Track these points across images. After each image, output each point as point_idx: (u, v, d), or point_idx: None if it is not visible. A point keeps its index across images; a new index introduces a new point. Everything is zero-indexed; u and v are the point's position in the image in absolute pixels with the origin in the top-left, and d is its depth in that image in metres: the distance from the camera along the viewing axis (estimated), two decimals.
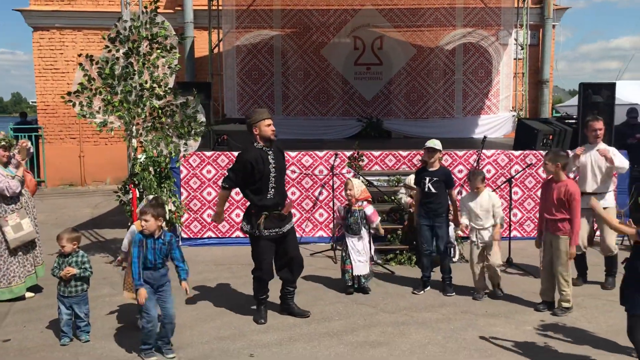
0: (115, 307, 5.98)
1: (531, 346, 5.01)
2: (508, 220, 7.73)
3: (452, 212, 6.51)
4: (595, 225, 6.87)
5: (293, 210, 5.82)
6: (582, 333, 5.30)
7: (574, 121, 9.84)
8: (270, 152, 5.52)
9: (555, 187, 5.75)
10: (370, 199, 6.64)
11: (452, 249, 7.46)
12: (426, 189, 6.37)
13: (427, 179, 6.36)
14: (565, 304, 5.77)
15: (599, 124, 6.72)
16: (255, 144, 5.55)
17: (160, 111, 7.45)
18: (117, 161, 14.02)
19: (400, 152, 8.98)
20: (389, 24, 14.22)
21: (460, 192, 8.60)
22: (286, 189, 6.15)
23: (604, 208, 6.57)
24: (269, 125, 5.51)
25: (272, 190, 5.47)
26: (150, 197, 6.10)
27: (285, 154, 5.89)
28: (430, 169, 6.41)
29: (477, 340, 5.16)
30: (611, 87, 9.15)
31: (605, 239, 6.62)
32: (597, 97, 8.99)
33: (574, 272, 6.75)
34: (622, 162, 6.65)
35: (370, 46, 14.38)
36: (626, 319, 4.37)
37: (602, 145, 6.73)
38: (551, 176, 5.87)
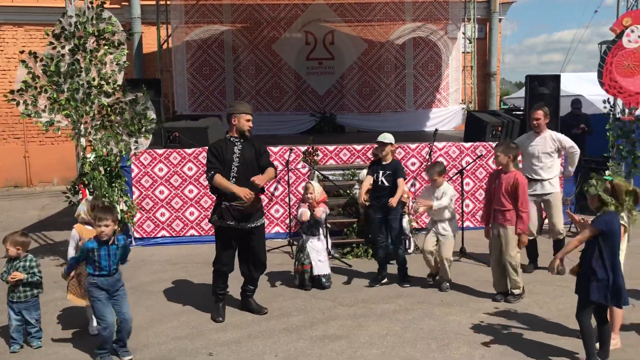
0: (67, 311, 5.81)
1: (486, 333, 5.13)
2: (460, 210, 7.89)
3: (403, 200, 6.58)
4: (544, 213, 7.08)
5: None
6: (534, 318, 5.46)
7: (521, 113, 10.11)
8: (239, 144, 5.50)
9: (503, 179, 5.88)
10: (327, 201, 6.67)
11: (407, 241, 7.58)
12: (379, 182, 6.40)
13: (381, 172, 6.39)
14: (516, 291, 5.92)
15: (538, 114, 6.87)
16: (226, 134, 5.58)
17: (109, 109, 7.28)
18: (64, 161, 13.63)
19: (355, 146, 9.03)
20: (339, 19, 14.27)
21: (413, 185, 8.73)
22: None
23: (551, 193, 6.79)
24: (249, 120, 5.53)
25: (233, 180, 5.42)
26: (90, 198, 5.93)
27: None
28: (384, 163, 6.44)
29: (433, 329, 5.25)
30: (556, 79, 9.44)
31: (554, 222, 6.83)
32: (543, 88, 9.27)
33: (526, 259, 6.95)
34: (571, 145, 6.85)
35: (321, 41, 14.41)
36: (577, 302, 4.49)
37: (548, 133, 6.90)
38: (499, 167, 6.00)
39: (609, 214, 4.37)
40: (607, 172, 4.83)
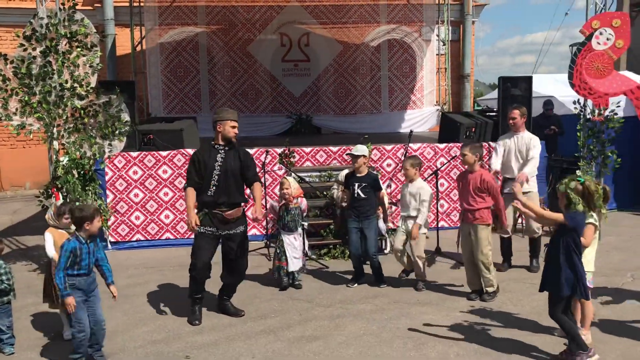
0: (40, 317, 5.73)
1: (461, 331, 5.19)
2: (435, 210, 7.97)
3: (381, 213, 6.69)
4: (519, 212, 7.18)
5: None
6: (508, 316, 5.55)
7: (494, 114, 10.25)
8: (223, 151, 5.50)
9: (471, 178, 5.97)
10: (303, 194, 6.74)
11: (383, 241, 7.64)
12: (355, 195, 6.48)
13: (356, 184, 6.48)
14: (489, 289, 6.00)
15: (514, 113, 7.00)
16: (211, 142, 5.58)
17: (82, 111, 7.19)
18: (36, 165, 13.38)
19: (331, 148, 9.07)
20: (314, 21, 14.31)
21: (389, 186, 8.79)
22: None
23: (528, 192, 6.88)
24: (234, 127, 5.55)
25: (214, 188, 5.42)
26: (59, 203, 5.87)
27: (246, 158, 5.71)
28: (358, 175, 6.52)
29: (410, 328, 5.30)
30: (528, 80, 9.60)
31: (529, 222, 6.93)
32: (515, 90, 9.42)
33: (499, 258, 7.05)
34: (531, 169, 6.89)
35: (297, 43, 14.43)
36: (549, 301, 4.58)
37: (526, 134, 7.02)
38: (466, 168, 6.09)
39: (577, 212, 4.44)
40: (577, 172, 4.91)
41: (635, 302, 5.85)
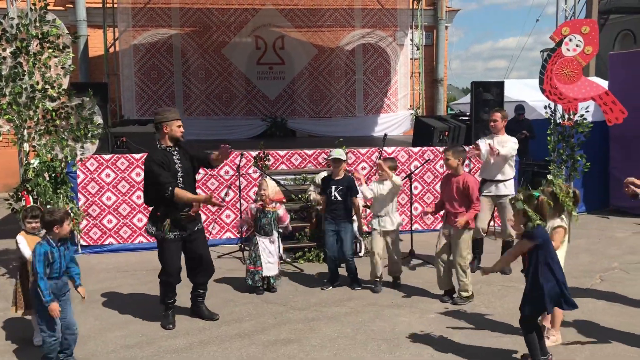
0: (9, 322, 5.63)
1: (435, 333, 5.25)
2: (409, 214, 8.04)
3: (356, 219, 6.73)
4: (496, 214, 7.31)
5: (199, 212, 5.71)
6: (481, 318, 5.62)
7: (467, 118, 10.37)
8: (176, 152, 5.45)
9: (454, 181, 6.04)
10: (283, 200, 6.73)
11: (358, 244, 7.68)
12: (332, 197, 6.54)
13: (333, 187, 6.54)
14: (464, 294, 6.06)
15: (495, 116, 7.18)
16: (159, 145, 5.45)
17: (54, 113, 7.09)
18: (6, 167, 13.14)
19: (306, 151, 9.08)
20: (289, 24, 14.32)
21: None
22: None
23: (506, 195, 6.96)
24: (180, 126, 5.46)
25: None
26: (29, 207, 5.77)
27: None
28: (336, 178, 6.59)
29: (384, 330, 5.34)
30: (500, 85, 9.75)
31: (507, 225, 7.01)
32: (487, 94, 9.55)
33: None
34: (509, 150, 7.05)
35: (272, 46, 14.41)
36: (528, 315, 4.52)
37: (505, 137, 7.17)
38: (450, 172, 6.16)
39: (539, 227, 4.37)
40: (548, 177, 4.98)
41: None
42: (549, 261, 4.37)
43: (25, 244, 5.00)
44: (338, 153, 6.59)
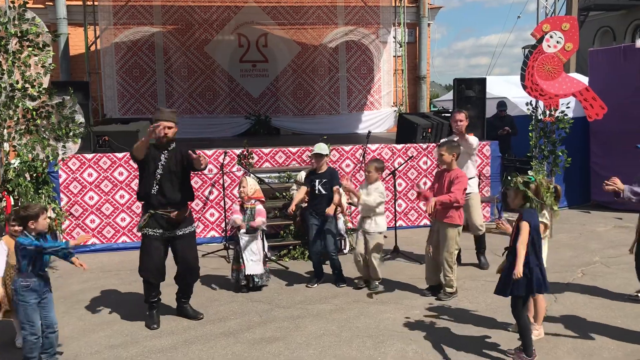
0: None
1: (420, 329, 5.28)
2: (393, 210, 8.08)
3: (332, 209, 6.64)
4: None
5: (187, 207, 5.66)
6: (465, 313, 5.67)
7: (449, 115, 10.43)
8: (165, 152, 5.43)
9: (447, 176, 6.07)
10: (262, 199, 6.67)
11: (342, 241, 7.69)
12: (316, 191, 6.54)
13: (317, 181, 6.55)
14: (448, 289, 6.10)
15: (460, 115, 6.96)
16: (153, 143, 5.49)
17: (34, 113, 7.00)
18: None
19: (290, 149, 9.08)
20: (272, 22, 14.30)
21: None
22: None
23: (469, 193, 6.94)
24: (170, 127, 5.46)
25: (157, 187, 5.37)
26: (13, 210, 5.71)
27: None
28: (319, 172, 6.60)
29: (369, 327, 5.36)
30: (482, 82, 9.82)
31: (474, 219, 7.08)
32: (469, 91, 9.63)
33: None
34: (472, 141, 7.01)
35: (255, 43, 14.39)
36: (513, 300, 4.62)
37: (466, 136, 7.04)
38: (443, 166, 6.17)
39: (531, 210, 4.58)
40: (529, 172, 5.03)
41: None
42: (536, 243, 4.50)
43: (3, 260, 4.91)
44: (319, 148, 6.58)
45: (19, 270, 4.52)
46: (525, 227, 4.47)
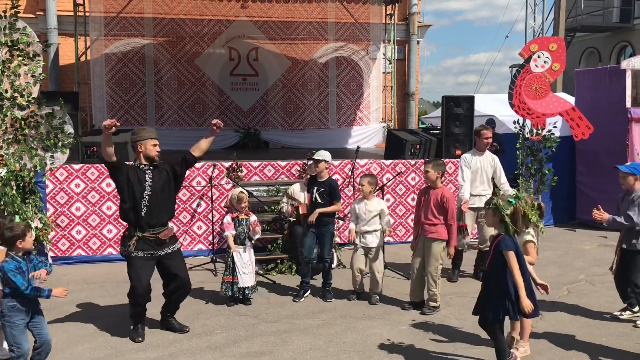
0: None
1: (406, 344, 5.28)
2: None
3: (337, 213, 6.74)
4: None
5: (170, 224, 5.63)
6: (451, 329, 5.68)
7: (437, 132, 10.52)
8: (149, 171, 5.39)
9: (432, 194, 6.12)
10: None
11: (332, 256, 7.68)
12: (313, 199, 6.53)
13: (315, 188, 6.54)
14: (432, 304, 6.13)
15: (489, 132, 7.36)
16: (133, 162, 5.44)
17: (23, 122, 6.97)
18: None
19: (279, 162, 9.09)
20: (263, 36, 14.36)
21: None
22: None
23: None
24: (155, 145, 5.42)
25: (145, 209, 5.33)
26: None
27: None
28: (320, 180, 6.58)
29: (356, 342, 5.35)
30: (470, 99, 9.91)
31: (486, 235, 7.07)
32: (458, 109, 9.71)
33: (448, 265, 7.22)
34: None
35: (245, 57, 14.43)
36: (491, 323, 4.62)
37: (487, 152, 7.44)
38: (429, 184, 6.22)
39: (506, 238, 4.46)
40: (510, 194, 5.03)
41: None
42: (522, 269, 4.43)
43: None
44: (319, 153, 6.59)
45: (4, 294, 4.45)
46: (512, 256, 4.38)
